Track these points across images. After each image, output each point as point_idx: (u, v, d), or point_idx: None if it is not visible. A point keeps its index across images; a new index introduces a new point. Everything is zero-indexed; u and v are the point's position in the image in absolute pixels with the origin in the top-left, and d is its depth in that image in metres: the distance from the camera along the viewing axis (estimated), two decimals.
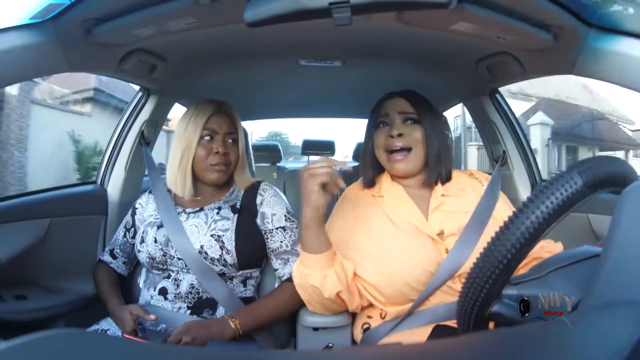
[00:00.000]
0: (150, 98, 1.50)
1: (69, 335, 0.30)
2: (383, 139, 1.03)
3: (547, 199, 0.47)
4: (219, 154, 1.08)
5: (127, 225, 1.21)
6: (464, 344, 0.32)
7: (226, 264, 1.05)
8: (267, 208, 1.12)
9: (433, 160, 1.02)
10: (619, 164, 0.50)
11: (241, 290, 1.10)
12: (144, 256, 1.09)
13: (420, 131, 1.02)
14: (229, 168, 1.11)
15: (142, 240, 1.11)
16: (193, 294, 1.05)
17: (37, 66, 0.90)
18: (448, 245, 0.95)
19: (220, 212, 1.10)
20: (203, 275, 1.04)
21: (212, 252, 1.04)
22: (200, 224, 1.08)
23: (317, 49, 1.29)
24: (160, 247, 1.07)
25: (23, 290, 1.18)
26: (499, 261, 0.48)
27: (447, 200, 1.02)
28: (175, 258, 1.06)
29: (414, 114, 1.03)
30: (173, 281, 1.07)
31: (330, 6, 0.76)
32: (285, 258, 1.10)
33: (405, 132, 1.01)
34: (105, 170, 1.53)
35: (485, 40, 1.03)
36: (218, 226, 1.07)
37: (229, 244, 1.05)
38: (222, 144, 1.09)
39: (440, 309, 0.93)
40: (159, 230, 1.09)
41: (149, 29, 0.98)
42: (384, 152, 1.04)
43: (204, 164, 1.09)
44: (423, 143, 1.02)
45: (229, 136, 1.12)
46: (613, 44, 0.84)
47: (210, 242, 1.05)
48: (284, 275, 1.09)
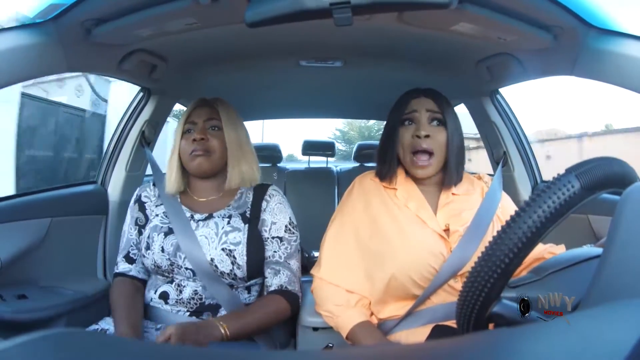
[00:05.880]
0: (150, 98, 1.51)
1: (68, 334, 0.30)
2: (409, 138, 1.02)
3: (544, 203, 0.47)
4: (196, 140, 1.07)
5: (140, 222, 1.14)
6: (463, 344, 0.32)
7: (236, 278, 1.04)
8: (268, 215, 1.10)
9: (451, 164, 1.02)
10: (618, 164, 0.50)
11: (245, 297, 1.09)
12: (149, 262, 1.06)
13: (445, 134, 1.01)
14: (210, 154, 1.08)
15: (147, 246, 1.07)
16: (195, 299, 1.03)
17: (38, 66, 0.90)
18: (453, 243, 0.96)
19: (231, 222, 1.07)
20: (210, 283, 1.02)
21: (222, 267, 1.02)
22: (210, 234, 1.05)
23: (318, 49, 1.29)
24: (168, 257, 1.04)
25: (23, 290, 1.18)
26: (497, 265, 0.49)
27: (456, 199, 1.03)
28: (182, 267, 1.03)
29: (440, 114, 1.02)
30: (176, 286, 1.05)
31: (330, 7, 0.76)
32: (277, 269, 1.08)
33: (431, 133, 1.00)
34: (105, 170, 1.53)
35: (485, 40, 1.03)
36: (229, 239, 1.04)
37: (240, 259, 1.03)
38: (200, 131, 1.08)
39: (440, 309, 0.94)
40: (166, 237, 1.06)
41: (149, 29, 0.98)
42: (409, 152, 1.02)
43: (187, 156, 1.08)
44: (445, 147, 1.01)
45: (208, 123, 1.10)
46: (613, 44, 0.84)
47: (222, 256, 1.03)
48: (271, 285, 1.08)
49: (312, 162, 3.09)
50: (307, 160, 3.07)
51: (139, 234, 1.13)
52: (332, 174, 2.70)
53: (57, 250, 1.30)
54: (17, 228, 1.19)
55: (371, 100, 2.01)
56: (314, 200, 2.46)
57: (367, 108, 2.28)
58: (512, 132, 1.55)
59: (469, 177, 1.10)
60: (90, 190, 1.51)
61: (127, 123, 1.52)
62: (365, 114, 2.71)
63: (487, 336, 0.39)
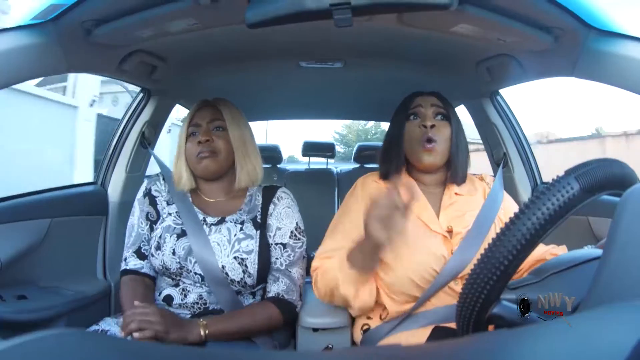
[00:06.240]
0: (151, 99, 1.51)
1: (68, 335, 0.30)
2: (415, 129, 1.03)
3: (544, 205, 0.47)
4: (201, 142, 1.05)
5: (151, 217, 1.10)
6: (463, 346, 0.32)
7: (245, 285, 1.03)
8: (274, 220, 1.08)
9: (455, 160, 1.03)
10: (618, 166, 0.50)
11: (250, 301, 1.08)
12: (158, 263, 1.03)
13: (449, 129, 1.03)
14: (216, 155, 1.06)
15: (158, 246, 1.04)
16: (200, 304, 1.02)
17: (37, 67, 0.90)
18: (455, 244, 0.96)
19: (243, 229, 1.06)
20: (217, 289, 1.01)
21: (233, 275, 1.01)
22: (223, 241, 1.03)
23: (318, 50, 1.29)
24: (178, 261, 1.01)
25: (23, 290, 1.18)
26: (496, 267, 0.49)
27: (459, 200, 1.04)
28: (192, 272, 1.01)
29: (444, 110, 1.05)
30: (181, 291, 1.03)
31: (331, 7, 0.76)
32: (276, 276, 1.07)
33: (436, 124, 1.02)
34: (105, 171, 1.53)
35: (485, 42, 1.03)
36: (242, 247, 1.03)
37: (251, 268, 1.02)
38: (204, 133, 1.07)
39: (440, 310, 0.93)
40: (178, 240, 1.03)
41: (149, 30, 0.98)
42: (416, 142, 1.03)
43: (193, 158, 1.06)
44: (449, 141, 1.03)
45: (212, 124, 1.08)
46: (614, 46, 0.84)
47: (233, 264, 1.01)
48: (269, 292, 1.07)
49: (312, 163, 3.09)
50: (308, 161, 3.07)
51: (150, 230, 1.10)
52: (332, 175, 2.70)
53: (57, 250, 1.30)
54: (17, 228, 1.19)
55: (371, 101, 2.01)
56: (314, 201, 2.46)
57: (367, 109, 2.28)
58: (512, 133, 1.55)
59: (471, 177, 1.10)
60: (90, 191, 1.51)
61: (127, 124, 1.52)
62: (365, 114, 2.72)
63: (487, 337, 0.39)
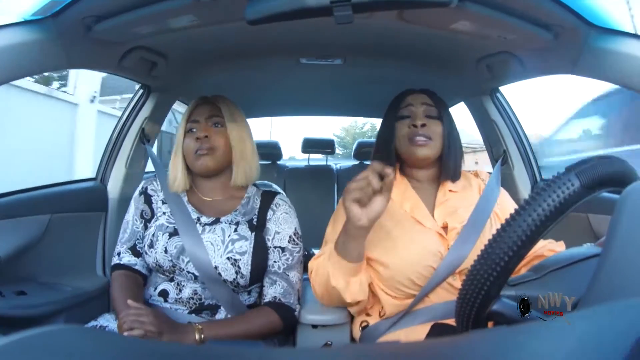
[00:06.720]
0: (150, 95, 1.50)
1: (67, 331, 0.30)
2: (406, 129, 1.03)
3: (544, 202, 0.47)
4: (200, 139, 1.05)
5: (145, 215, 1.11)
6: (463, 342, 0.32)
7: (238, 285, 1.03)
8: (273, 225, 1.08)
9: (448, 156, 1.04)
10: (618, 163, 0.50)
11: (245, 298, 1.08)
12: (151, 261, 1.04)
13: (441, 127, 1.03)
14: (214, 152, 1.06)
15: (151, 244, 1.05)
16: (195, 299, 1.03)
17: (38, 63, 0.90)
18: (451, 240, 0.96)
19: (238, 230, 1.05)
20: (212, 286, 1.01)
21: (226, 275, 1.01)
22: (216, 241, 1.03)
23: (318, 47, 1.29)
24: (170, 259, 1.02)
25: (23, 286, 1.18)
26: (496, 263, 0.49)
27: (453, 196, 1.04)
28: (185, 270, 1.02)
29: (435, 109, 1.05)
30: (176, 285, 1.04)
31: (331, 4, 0.76)
32: (274, 279, 1.07)
33: (427, 123, 1.02)
34: (105, 166, 1.53)
35: (486, 39, 1.03)
36: (235, 248, 1.03)
37: (244, 269, 1.02)
38: (202, 129, 1.07)
39: (439, 307, 0.94)
40: (170, 238, 1.03)
41: (149, 26, 0.98)
42: (406, 140, 1.02)
43: (191, 155, 1.07)
44: (441, 137, 1.03)
45: (210, 120, 1.08)
46: (614, 43, 0.84)
47: (226, 265, 1.01)
48: (266, 295, 1.06)
49: (311, 160, 3.09)
50: (307, 157, 3.07)
51: (145, 228, 1.11)
52: (332, 172, 2.70)
53: (57, 246, 1.30)
54: (16, 224, 1.19)
55: (371, 98, 2.01)
56: (313, 198, 2.46)
57: (367, 106, 2.28)
58: (512, 131, 1.54)
59: (465, 174, 1.11)
60: (90, 187, 1.51)
61: (127, 120, 1.52)
62: (365, 111, 2.71)
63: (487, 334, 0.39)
